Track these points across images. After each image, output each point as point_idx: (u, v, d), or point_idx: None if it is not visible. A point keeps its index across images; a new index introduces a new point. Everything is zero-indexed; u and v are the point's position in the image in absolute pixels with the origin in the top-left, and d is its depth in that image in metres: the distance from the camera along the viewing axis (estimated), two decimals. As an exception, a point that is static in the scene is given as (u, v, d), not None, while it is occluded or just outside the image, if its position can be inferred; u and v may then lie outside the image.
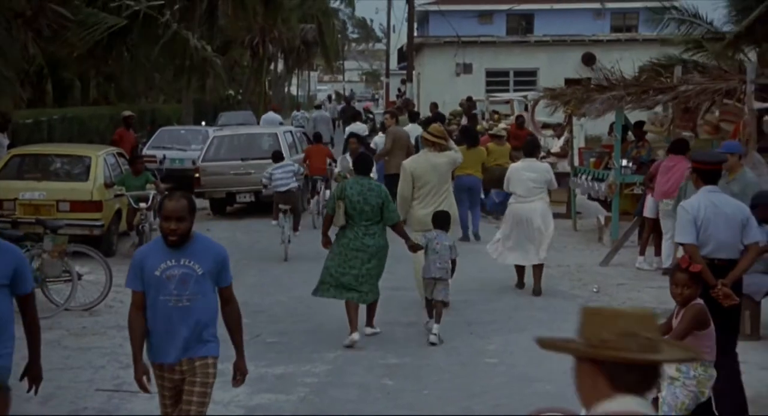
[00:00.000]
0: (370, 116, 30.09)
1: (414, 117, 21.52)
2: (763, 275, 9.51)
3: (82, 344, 9.24)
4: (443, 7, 42.34)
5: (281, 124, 26.55)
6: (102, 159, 13.88)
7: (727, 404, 6.68)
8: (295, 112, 37.10)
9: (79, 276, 10.46)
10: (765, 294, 9.51)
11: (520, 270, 11.83)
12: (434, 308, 9.36)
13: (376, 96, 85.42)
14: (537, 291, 11.47)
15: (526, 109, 23.20)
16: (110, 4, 16.32)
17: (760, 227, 9.38)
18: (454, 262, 9.56)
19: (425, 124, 17.92)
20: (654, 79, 15.02)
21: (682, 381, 6.07)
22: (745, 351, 9.15)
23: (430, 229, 9.74)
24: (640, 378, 2.65)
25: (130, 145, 16.74)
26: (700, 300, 6.11)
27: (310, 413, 7.47)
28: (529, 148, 12.13)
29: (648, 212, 13.06)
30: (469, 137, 15.95)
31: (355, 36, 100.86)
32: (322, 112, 32.14)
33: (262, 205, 17.95)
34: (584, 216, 17.79)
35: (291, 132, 20.32)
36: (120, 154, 14.96)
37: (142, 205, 13.38)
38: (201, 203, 18.47)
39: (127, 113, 18.43)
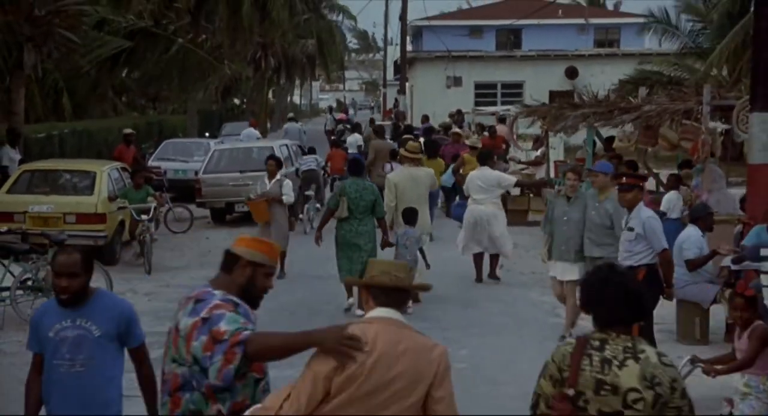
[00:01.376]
0: (348, 127, 30.23)
1: (402, 131, 22.22)
2: (710, 285, 9.80)
3: (82, 350, 9.48)
4: (436, 22, 42.74)
5: (258, 138, 26.64)
6: (106, 174, 14.18)
7: None
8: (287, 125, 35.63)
9: (82, 286, 10.72)
10: (712, 302, 9.77)
11: (478, 263, 12.77)
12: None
13: (373, 104, 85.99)
14: (492, 276, 12.83)
15: (501, 121, 23.56)
16: (116, 26, 16.62)
17: (703, 236, 9.79)
18: (422, 250, 11.14)
19: (399, 138, 18.84)
20: (622, 99, 15.34)
21: (754, 395, 6.39)
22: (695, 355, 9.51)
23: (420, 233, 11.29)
24: (391, 298, 3.92)
25: (129, 161, 17.02)
26: (759, 321, 6.38)
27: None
28: (483, 157, 13.21)
29: None
30: (429, 149, 16.51)
31: (355, 46, 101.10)
32: (294, 124, 32.10)
33: None
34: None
35: (287, 145, 20.64)
36: (123, 169, 15.26)
37: (144, 217, 13.75)
38: (202, 212, 18.90)
39: (128, 131, 18.72)
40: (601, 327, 3.88)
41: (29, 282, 10.57)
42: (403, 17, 35.94)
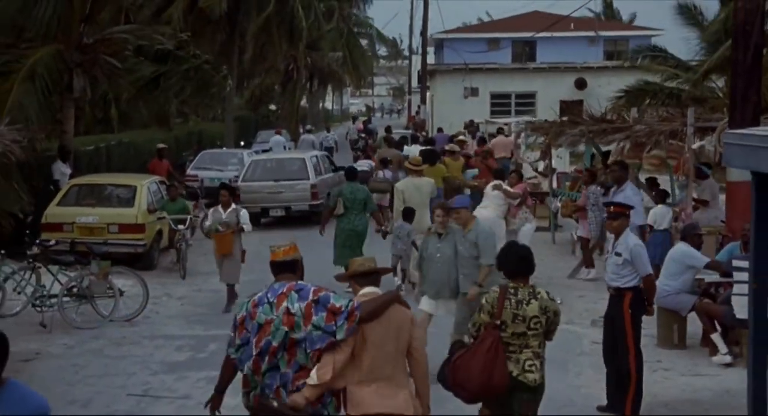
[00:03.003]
0: (363, 136, 30.48)
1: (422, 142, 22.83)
2: (688, 295, 10.05)
3: (120, 352, 9.89)
4: (456, 35, 42.91)
5: (285, 146, 27.32)
6: (146, 187, 14.63)
7: None
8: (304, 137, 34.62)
9: (121, 293, 11.20)
10: (689, 310, 10.02)
11: None
12: (403, 272, 12.56)
13: (400, 108, 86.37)
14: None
15: (500, 132, 24.00)
16: (152, 50, 17.10)
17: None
18: (414, 243, 11.98)
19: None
20: (618, 116, 15.54)
21: None
22: (672, 359, 9.78)
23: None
24: (368, 280, 5.42)
25: (163, 174, 17.47)
26: None
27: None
28: (498, 173, 14.49)
29: (582, 233, 14.27)
30: (430, 157, 16.95)
31: (384, 53, 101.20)
32: (309, 135, 32.47)
33: (292, 219, 18.93)
34: (563, 230, 18.28)
35: (317, 156, 21.11)
36: (161, 182, 15.70)
37: (181, 226, 14.21)
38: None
39: (161, 146, 19.20)
40: (512, 279, 6.02)
41: (74, 290, 11.03)
42: (423, 33, 36.21)
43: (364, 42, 53.72)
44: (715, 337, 9.61)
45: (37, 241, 11.65)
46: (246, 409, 5.35)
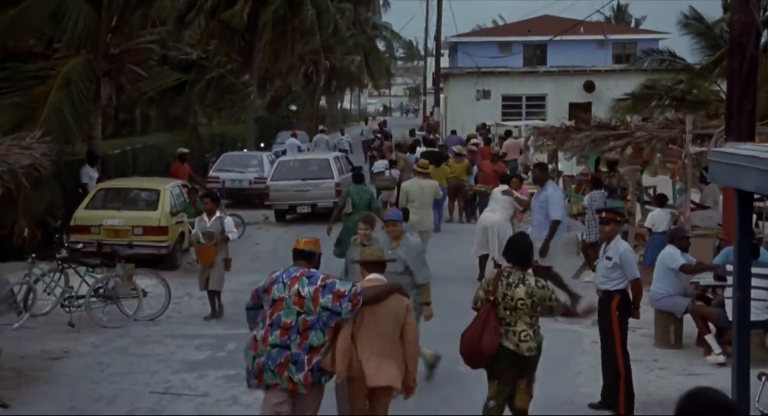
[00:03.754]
0: (379, 136, 30.78)
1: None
2: (681, 297, 10.18)
3: (143, 351, 10.07)
4: (470, 39, 42.95)
5: (299, 147, 28.20)
6: (168, 191, 14.83)
7: None
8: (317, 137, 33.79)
9: (145, 294, 11.42)
10: (684, 312, 10.14)
11: (482, 263, 13.62)
12: None
13: (416, 108, 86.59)
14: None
15: (508, 135, 24.18)
16: (175, 60, 17.34)
17: (683, 256, 10.15)
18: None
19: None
20: (621, 122, 15.65)
21: None
22: (668, 358, 9.88)
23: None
24: (375, 268, 6.40)
25: (184, 177, 17.73)
26: None
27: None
28: (504, 179, 14.58)
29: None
30: (435, 159, 17.81)
31: (401, 55, 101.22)
32: (323, 135, 33.03)
33: (317, 216, 19.43)
34: (569, 231, 18.34)
35: (338, 156, 22.12)
36: (183, 185, 15.91)
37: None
38: (254, 218, 19.79)
39: (183, 150, 19.49)
40: (512, 264, 6.84)
41: (101, 291, 11.26)
42: (437, 38, 36.27)
43: (381, 45, 54.03)
44: (709, 338, 9.72)
45: (66, 245, 11.88)
46: (247, 373, 6.08)
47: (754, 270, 8.56)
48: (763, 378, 7.01)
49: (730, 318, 9.15)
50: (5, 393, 8.46)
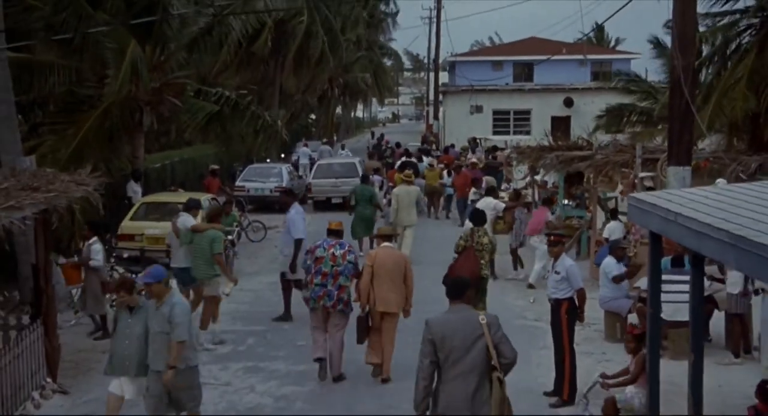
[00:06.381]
0: (391, 147, 31.80)
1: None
2: (625, 299, 10.83)
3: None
4: (465, 58, 43.44)
5: (309, 155, 30.07)
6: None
7: None
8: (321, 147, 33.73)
9: (180, 295, 12.04)
10: (628, 311, 10.76)
11: None
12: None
13: (421, 116, 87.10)
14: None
15: (495, 148, 24.96)
16: (209, 94, 18.01)
17: (618, 264, 10.77)
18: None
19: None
20: (587, 142, 16.19)
21: (637, 397, 7.63)
22: (614, 351, 10.19)
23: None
24: (386, 239, 9.34)
25: (215, 190, 18.41)
26: (644, 351, 7.42)
27: (317, 400, 8.65)
28: (489, 191, 15.76)
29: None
30: (417, 171, 20.45)
31: (408, 66, 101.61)
32: (326, 146, 33.98)
33: (346, 206, 20.37)
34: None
35: (362, 161, 25.47)
36: (213, 198, 16.53)
37: (229, 236, 15.00)
38: (274, 222, 20.22)
39: (214, 167, 20.25)
40: (478, 225, 10.93)
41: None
42: (435, 60, 36.85)
43: (388, 62, 54.60)
44: (649, 334, 10.34)
45: (114, 254, 12.54)
46: (305, 300, 9.13)
47: (681, 277, 9.25)
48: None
49: (663, 317, 9.80)
50: (65, 381, 9.00)
